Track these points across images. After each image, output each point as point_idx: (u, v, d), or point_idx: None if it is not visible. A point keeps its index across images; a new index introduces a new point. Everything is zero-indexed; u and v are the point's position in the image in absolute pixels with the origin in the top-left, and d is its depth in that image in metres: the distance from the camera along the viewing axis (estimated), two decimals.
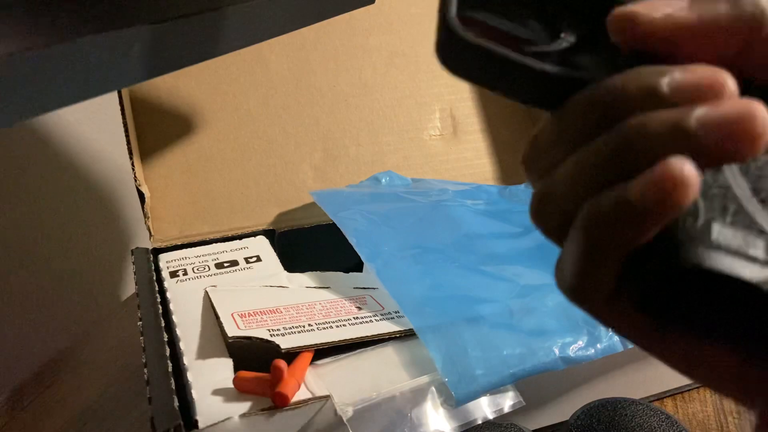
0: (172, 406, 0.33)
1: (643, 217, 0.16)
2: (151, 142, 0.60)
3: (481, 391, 0.38)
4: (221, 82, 0.63)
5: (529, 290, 0.44)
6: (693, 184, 0.15)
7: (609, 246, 0.17)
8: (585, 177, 0.17)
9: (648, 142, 0.16)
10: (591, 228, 0.17)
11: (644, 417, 0.38)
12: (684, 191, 0.15)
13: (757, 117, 0.16)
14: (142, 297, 0.46)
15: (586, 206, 0.17)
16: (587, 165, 0.17)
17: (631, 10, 0.18)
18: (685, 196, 0.15)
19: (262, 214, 0.61)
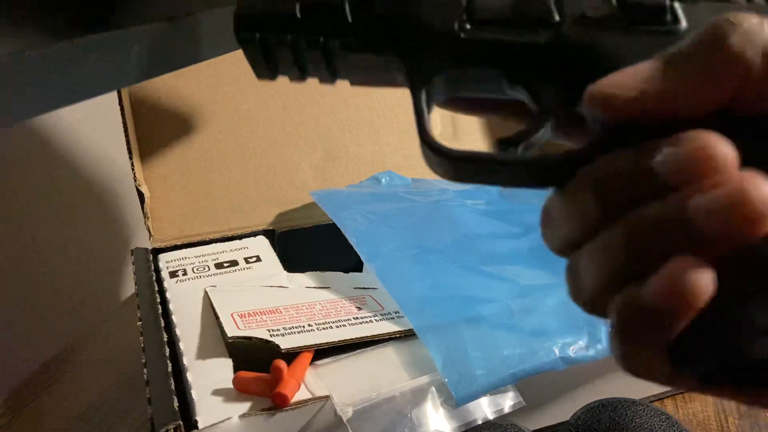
0: (172, 407, 0.33)
1: (664, 317, 0.16)
2: (150, 142, 0.60)
3: (481, 391, 0.37)
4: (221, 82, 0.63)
5: (530, 290, 0.44)
6: (703, 287, 0.15)
7: (644, 338, 0.16)
8: (603, 273, 0.17)
9: (652, 237, 0.16)
10: (622, 322, 0.17)
11: (645, 417, 0.38)
12: (696, 296, 0.15)
13: (752, 198, 0.15)
14: (141, 297, 0.46)
15: (614, 299, 0.17)
16: (602, 262, 0.17)
17: (606, 92, 0.18)
18: (699, 300, 0.15)
19: (262, 214, 0.61)
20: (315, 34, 0.23)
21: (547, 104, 0.21)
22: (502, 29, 0.22)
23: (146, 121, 0.60)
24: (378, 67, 0.23)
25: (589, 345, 0.40)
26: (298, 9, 0.23)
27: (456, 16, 0.22)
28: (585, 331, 0.41)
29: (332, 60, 0.23)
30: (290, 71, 0.24)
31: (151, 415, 0.33)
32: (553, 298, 0.44)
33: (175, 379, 0.36)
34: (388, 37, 0.22)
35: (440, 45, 0.22)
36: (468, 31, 0.22)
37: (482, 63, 0.22)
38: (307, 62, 0.24)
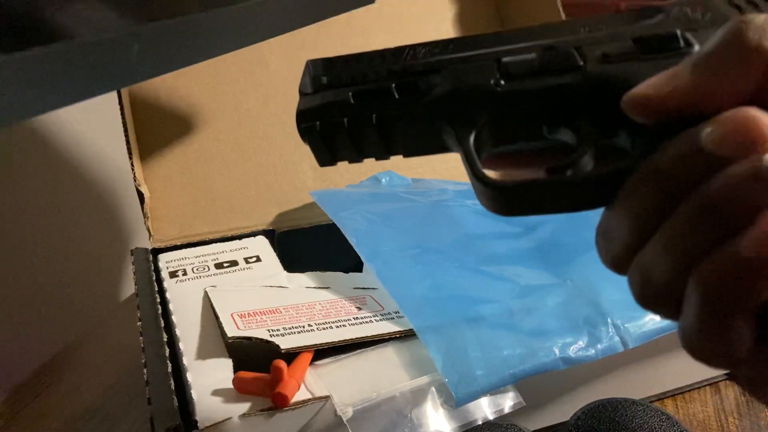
0: (172, 407, 0.33)
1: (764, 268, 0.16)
2: (150, 142, 0.60)
3: (481, 391, 0.37)
4: (221, 82, 0.63)
5: (530, 290, 0.44)
6: None
7: (737, 305, 0.17)
8: (681, 248, 0.18)
9: (736, 199, 0.17)
10: (711, 293, 0.17)
11: (645, 417, 0.38)
12: None
13: None
14: (141, 297, 0.46)
15: (696, 274, 0.17)
16: (679, 236, 0.18)
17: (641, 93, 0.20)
18: None
19: (262, 214, 0.61)
20: (368, 113, 0.26)
21: (586, 134, 0.23)
22: (533, 80, 0.24)
23: (146, 121, 0.60)
24: (428, 134, 0.26)
25: (589, 345, 0.40)
26: (350, 96, 0.26)
27: (491, 76, 0.25)
28: (585, 331, 0.41)
29: (386, 135, 0.26)
30: (349, 154, 0.27)
31: (151, 415, 0.33)
32: (553, 298, 0.44)
33: (175, 379, 0.36)
34: (433, 104, 0.25)
35: (480, 100, 0.25)
36: (503, 85, 0.24)
37: (520, 111, 0.24)
38: (363, 142, 0.27)
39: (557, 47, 0.24)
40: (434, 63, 0.26)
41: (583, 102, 0.23)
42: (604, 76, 0.23)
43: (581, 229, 0.50)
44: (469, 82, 0.25)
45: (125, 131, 0.55)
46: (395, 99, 0.25)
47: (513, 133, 0.25)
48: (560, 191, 0.22)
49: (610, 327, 0.41)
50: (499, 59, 0.25)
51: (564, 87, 0.24)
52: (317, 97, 0.27)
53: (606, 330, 0.41)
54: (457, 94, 0.25)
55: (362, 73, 0.26)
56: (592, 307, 0.42)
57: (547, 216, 0.26)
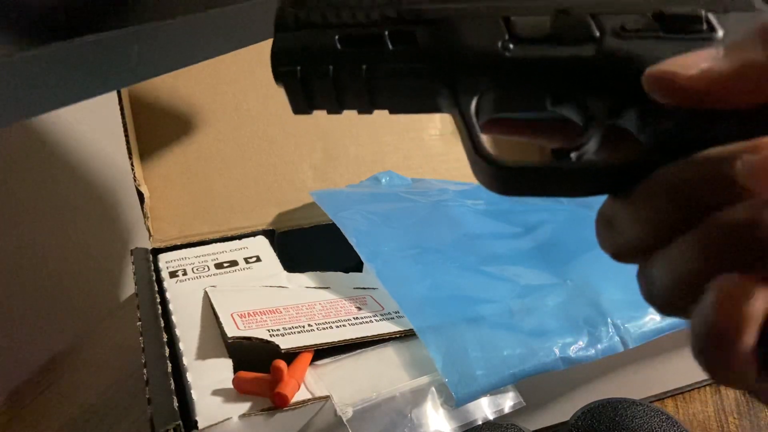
0: (172, 407, 0.33)
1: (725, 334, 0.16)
2: (150, 142, 0.60)
3: (481, 391, 0.37)
4: (221, 82, 0.63)
5: (530, 290, 0.44)
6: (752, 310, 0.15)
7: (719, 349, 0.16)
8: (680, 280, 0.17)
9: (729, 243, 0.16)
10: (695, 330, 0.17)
11: (645, 417, 0.38)
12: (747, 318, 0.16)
13: None
14: (141, 297, 0.45)
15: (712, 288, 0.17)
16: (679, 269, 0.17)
17: (668, 69, 0.19)
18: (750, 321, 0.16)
19: (262, 214, 0.61)
20: (357, 63, 0.23)
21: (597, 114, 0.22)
22: (544, 47, 0.22)
23: (146, 121, 0.60)
24: (421, 93, 0.23)
25: (589, 345, 0.40)
26: (337, 40, 0.23)
27: (498, 37, 0.22)
28: (585, 331, 0.41)
29: (373, 88, 0.23)
30: (329, 104, 0.25)
31: (151, 415, 0.33)
32: (553, 298, 0.43)
33: (175, 379, 0.36)
34: (433, 61, 0.23)
35: (486, 65, 0.22)
36: (512, 50, 0.22)
37: (528, 81, 0.22)
38: (347, 93, 0.24)
39: (572, 12, 0.22)
40: (434, 12, 0.23)
41: (596, 78, 0.22)
42: (621, 52, 0.21)
43: (581, 229, 0.50)
44: (474, 42, 0.22)
45: (125, 131, 0.55)
46: (388, 50, 0.23)
47: (514, 101, 0.23)
48: (565, 177, 0.21)
49: (610, 327, 0.41)
50: (508, 17, 0.23)
51: (577, 60, 0.22)
52: (297, 35, 0.23)
53: (606, 330, 0.41)
54: (461, 54, 0.22)
55: (351, 12, 0.23)
56: (592, 307, 0.42)
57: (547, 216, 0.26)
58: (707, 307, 0.16)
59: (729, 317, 0.16)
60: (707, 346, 0.17)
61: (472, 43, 0.22)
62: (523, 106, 0.24)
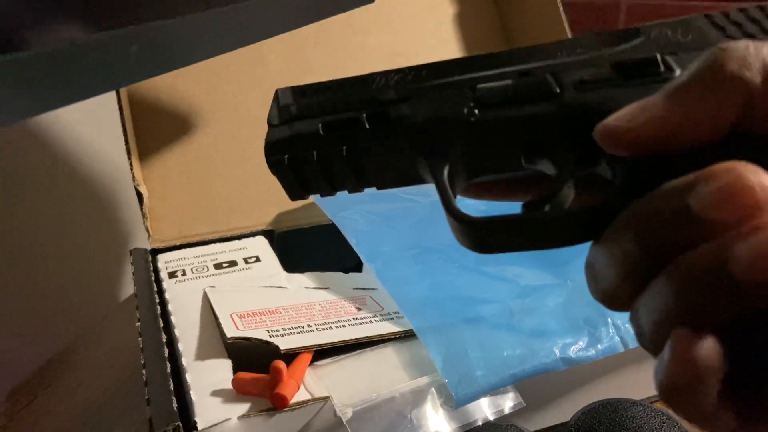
0: (171, 407, 0.33)
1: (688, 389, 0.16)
2: (149, 142, 0.60)
3: (481, 392, 0.37)
4: (220, 82, 0.63)
5: (530, 291, 0.44)
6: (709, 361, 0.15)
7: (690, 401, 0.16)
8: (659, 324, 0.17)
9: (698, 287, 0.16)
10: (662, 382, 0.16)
11: (645, 418, 0.38)
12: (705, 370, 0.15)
13: None
14: (140, 297, 0.45)
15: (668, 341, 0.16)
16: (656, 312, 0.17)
17: (612, 125, 0.19)
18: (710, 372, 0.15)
19: (262, 214, 0.61)
20: (337, 145, 0.24)
21: (566, 165, 0.22)
22: (508, 108, 0.23)
23: (145, 121, 0.60)
24: (401, 166, 0.25)
25: (590, 345, 0.40)
26: (320, 127, 0.25)
27: (465, 105, 0.23)
28: (585, 332, 0.40)
29: (357, 167, 0.25)
30: (321, 187, 0.26)
31: (150, 416, 0.33)
32: (553, 298, 0.43)
33: (174, 379, 0.36)
34: (405, 135, 0.24)
35: (453, 131, 0.23)
36: (477, 115, 0.23)
37: (495, 142, 0.23)
38: (335, 175, 0.25)
39: (533, 73, 0.23)
40: (406, 91, 0.24)
41: (560, 131, 0.22)
42: (582, 104, 0.22)
43: None
44: (441, 111, 0.23)
45: (124, 131, 0.55)
46: (365, 129, 0.24)
47: (489, 163, 0.24)
48: (539, 228, 0.21)
49: (611, 327, 0.41)
50: (473, 86, 0.24)
51: (540, 116, 0.22)
52: (285, 128, 0.26)
53: (606, 330, 0.41)
54: (429, 124, 0.23)
55: (332, 102, 0.25)
56: (592, 307, 0.42)
57: None
58: (664, 361, 0.16)
59: (682, 374, 0.15)
60: (671, 399, 0.16)
61: (439, 113, 0.23)
62: (497, 166, 0.24)
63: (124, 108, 0.56)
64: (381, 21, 0.70)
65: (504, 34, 0.76)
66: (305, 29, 0.49)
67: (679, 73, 0.21)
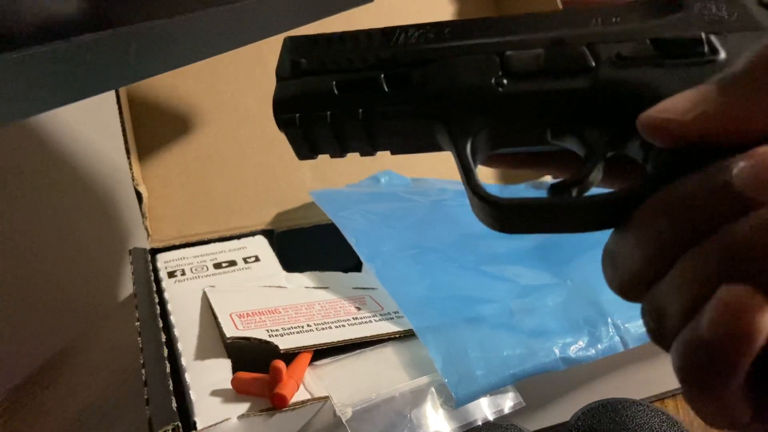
0: (170, 407, 0.33)
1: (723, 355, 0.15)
2: (148, 142, 0.60)
3: (481, 391, 0.37)
4: (219, 81, 0.63)
5: (530, 290, 0.44)
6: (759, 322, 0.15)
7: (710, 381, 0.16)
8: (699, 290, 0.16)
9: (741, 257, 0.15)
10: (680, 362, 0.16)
11: (645, 418, 0.38)
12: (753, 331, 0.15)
13: None
14: (140, 297, 0.45)
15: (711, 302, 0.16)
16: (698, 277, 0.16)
17: (661, 117, 0.18)
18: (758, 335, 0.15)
19: (261, 214, 0.61)
20: (353, 107, 0.23)
21: (597, 146, 0.21)
22: (539, 80, 0.22)
23: (144, 121, 0.60)
24: (419, 132, 0.23)
25: (589, 345, 0.40)
26: (334, 86, 0.23)
27: (492, 73, 0.22)
28: (585, 331, 0.40)
29: (372, 131, 0.23)
30: (331, 148, 0.25)
31: (150, 416, 0.33)
32: (553, 298, 0.43)
33: (174, 379, 0.36)
34: (427, 102, 0.22)
35: (480, 102, 0.22)
36: (506, 85, 0.22)
37: (523, 116, 0.22)
38: (347, 137, 0.24)
39: (567, 43, 0.22)
40: (429, 52, 0.23)
41: (594, 110, 0.21)
42: (619, 82, 0.21)
43: None
44: (468, 80, 0.22)
45: (123, 131, 0.55)
46: (384, 92, 0.23)
47: (513, 137, 0.23)
48: (567, 213, 0.20)
49: (611, 327, 0.41)
50: (502, 53, 0.22)
51: (573, 92, 0.21)
52: (297, 83, 0.24)
53: (606, 330, 0.41)
54: (454, 93, 0.22)
55: (347, 57, 0.23)
56: (592, 307, 0.42)
57: None
58: (704, 325, 0.15)
59: (729, 333, 0.15)
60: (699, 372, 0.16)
61: (465, 82, 0.22)
62: (522, 140, 0.23)
63: (124, 108, 0.56)
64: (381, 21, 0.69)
65: None
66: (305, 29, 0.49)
67: (724, 56, 0.20)
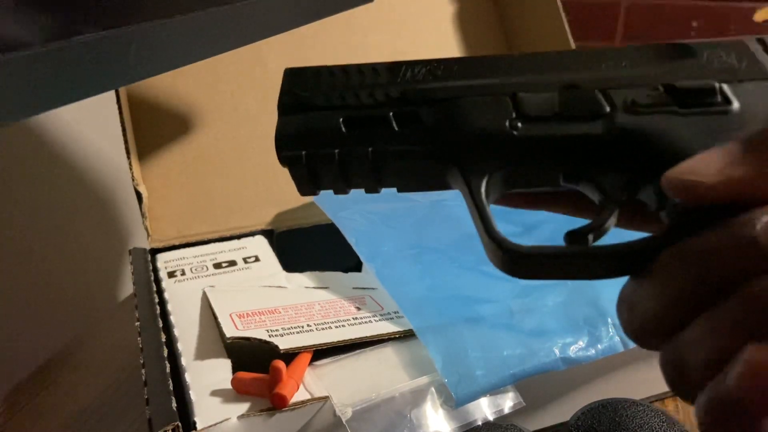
0: (170, 407, 0.33)
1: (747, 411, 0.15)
2: (148, 142, 0.60)
3: (481, 391, 0.37)
4: (219, 81, 0.63)
5: (530, 290, 0.44)
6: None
7: None
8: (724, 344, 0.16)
9: None
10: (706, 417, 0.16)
11: (645, 418, 0.38)
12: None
13: None
14: (140, 297, 0.45)
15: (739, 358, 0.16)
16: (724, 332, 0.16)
17: (687, 178, 0.18)
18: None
19: (261, 213, 0.61)
20: (362, 145, 0.22)
21: (612, 193, 0.21)
22: (553, 125, 0.21)
23: (144, 121, 0.60)
24: (429, 172, 0.23)
25: (589, 345, 0.40)
26: (341, 123, 0.23)
27: (506, 116, 0.22)
28: (585, 332, 0.40)
29: (380, 169, 0.23)
30: (335, 185, 0.24)
31: (150, 416, 0.33)
32: (553, 298, 0.43)
33: (174, 379, 0.36)
34: (440, 143, 0.22)
35: (494, 146, 0.22)
36: (520, 129, 0.22)
37: (538, 159, 0.22)
38: (353, 176, 0.23)
39: (579, 86, 0.22)
40: (439, 90, 0.22)
41: (608, 155, 0.21)
42: (634, 129, 0.20)
43: None
44: (482, 122, 0.22)
45: (123, 131, 0.55)
46: (394, 131, 0.22)
47: (525, 178, 0.23)
48: (585, 262, 0.20)
49: (610, 327, 0.41)
50: (514, 94, 0.22)
51: (588, 137, 0.21)
52: (301, 119, 0.23)
53: (606, 330, 0.41)
54: (469, 136, 0.22)
55: (354, 93, 0.23)
56: (592, 307, 0.42)
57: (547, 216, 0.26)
58: (731, 383, 0.15)
59: (756, 391, 0.15)
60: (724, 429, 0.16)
61: (479, 124, 0.22)
62: (535, 182, 0.23)
63: (124, 107, 0.56)
64: (381, 20, 0.70)
65: (504, 33, 0.76)
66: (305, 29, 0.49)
67: (738, 105, 0.20)
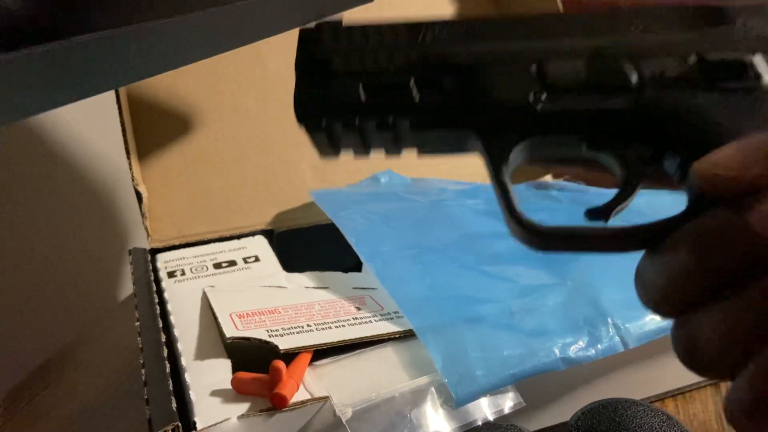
0: (170, 407, 0.33)
1: None
2: (148, 142, 0.60)
3: (481, 391, 0.37)
4: (219, 81, 0.63)
5: (530, 290, 0.44)
6: None
7: None
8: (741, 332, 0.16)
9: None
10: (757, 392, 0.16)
11: (645, 418, 0.38)
12: None
13: None
14: (139, 297, 0.45)
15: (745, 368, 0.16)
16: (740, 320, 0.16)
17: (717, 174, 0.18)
18: None
19: (261, 213, 0.61)
20: (383, 115, 0.22)
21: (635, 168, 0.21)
22: (579, 97, 0.21)
23: (144, 121, 0.60)
24: (450, 139, 0.23)
25: (589, 345, 0.40)
26: (361, 90, 0.22)
27: (530, 87, 0.22)
28: (585, 332, 0.40)
29: (401, 136, 0.23)
30: (356, 149, 0.24)
31: (150, 416, 0.33)
32: (553, 298, 0.43)
33: (174, 379, 0.36)
34: (462, 113, 0.22)
35: (517, 118, 0.22)
36: (544, 101, 0.21)
37: (561, 132, 0.22)
38: (373, 140, 0.23)
39: (606, 54, 0.21)
40: (462, 55, 0.22)
41: (633, 129, 0.21)
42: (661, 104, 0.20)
43: None
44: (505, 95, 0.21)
45: (123, 131, 0.55)
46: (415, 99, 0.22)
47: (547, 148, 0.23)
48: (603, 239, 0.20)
49: (611, 327, 0.41)
50: (540, 62, 0.22)
51: (614, 111, 0.21)
52: (320, 83, 0.23)
53: (606, 330, 0.41)
54: (492, 108, 0.22)
55: (372, 55, 0.23)
56: (592, 307, 0.42)
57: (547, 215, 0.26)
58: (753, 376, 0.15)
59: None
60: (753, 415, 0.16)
61: (502, 94, 0.22)
62: (557, 152, 0.23)
63: (124, 107, 0.56)
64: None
65: None
66: None
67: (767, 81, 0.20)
